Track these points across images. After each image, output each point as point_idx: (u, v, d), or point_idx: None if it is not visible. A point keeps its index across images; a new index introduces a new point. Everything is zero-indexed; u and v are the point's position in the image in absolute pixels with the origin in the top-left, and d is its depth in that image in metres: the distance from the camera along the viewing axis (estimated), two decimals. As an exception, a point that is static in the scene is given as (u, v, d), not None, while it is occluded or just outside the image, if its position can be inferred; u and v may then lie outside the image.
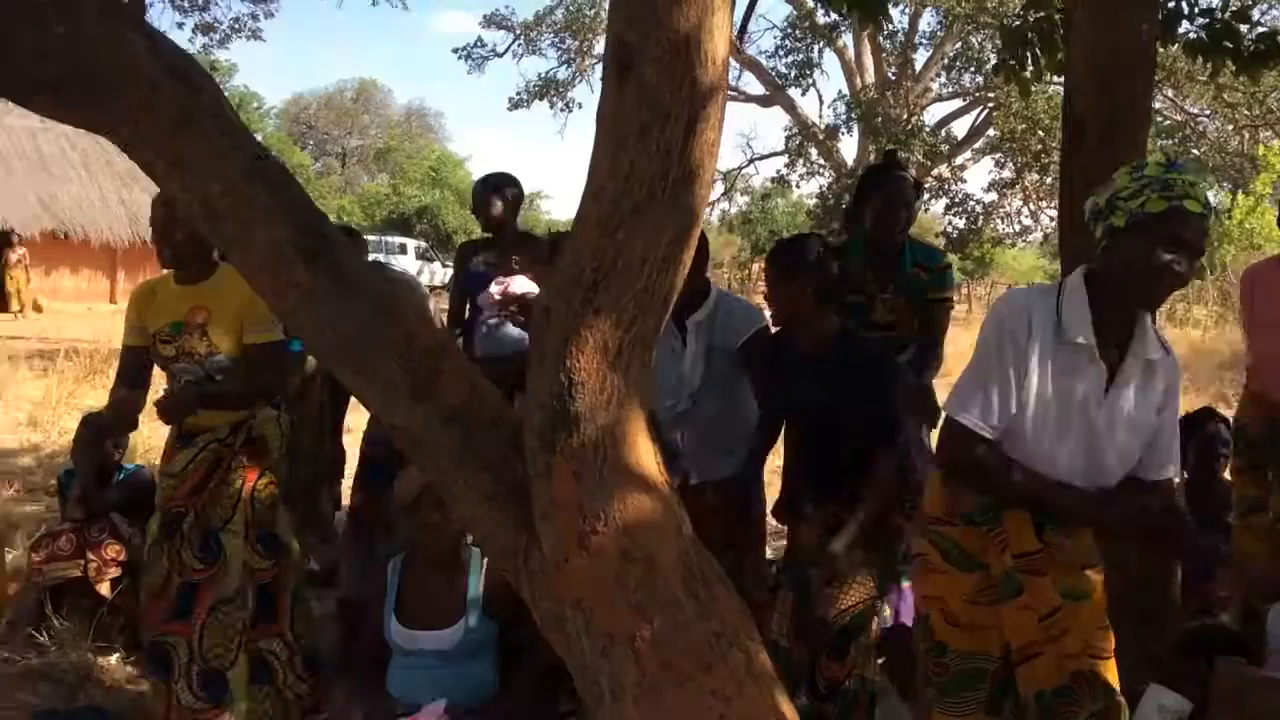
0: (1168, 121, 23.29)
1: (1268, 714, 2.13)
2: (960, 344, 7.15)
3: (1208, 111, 22.77)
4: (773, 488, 3.70)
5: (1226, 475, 4.21)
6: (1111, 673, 2.41)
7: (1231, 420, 3.78)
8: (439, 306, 5.03)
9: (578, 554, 1.87)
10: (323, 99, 52.62)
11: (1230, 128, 22.57)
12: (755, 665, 1.92)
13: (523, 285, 4.57)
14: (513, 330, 4.50)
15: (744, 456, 3.48)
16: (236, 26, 17.00)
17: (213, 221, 2.00)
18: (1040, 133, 21.27)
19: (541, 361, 1.90)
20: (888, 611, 3.46)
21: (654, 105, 1.79)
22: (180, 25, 16.51)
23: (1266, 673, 2.42)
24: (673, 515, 1.93)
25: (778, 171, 28.75)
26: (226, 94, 2.31)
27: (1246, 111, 21.29)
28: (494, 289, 4.64)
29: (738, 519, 3.50)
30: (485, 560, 3.19)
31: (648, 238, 1.85)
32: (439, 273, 29.34)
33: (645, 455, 1.93)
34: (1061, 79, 4.29)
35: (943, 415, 2.48)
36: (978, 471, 2.36)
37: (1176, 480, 3.71)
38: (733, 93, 29.17)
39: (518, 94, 28.31)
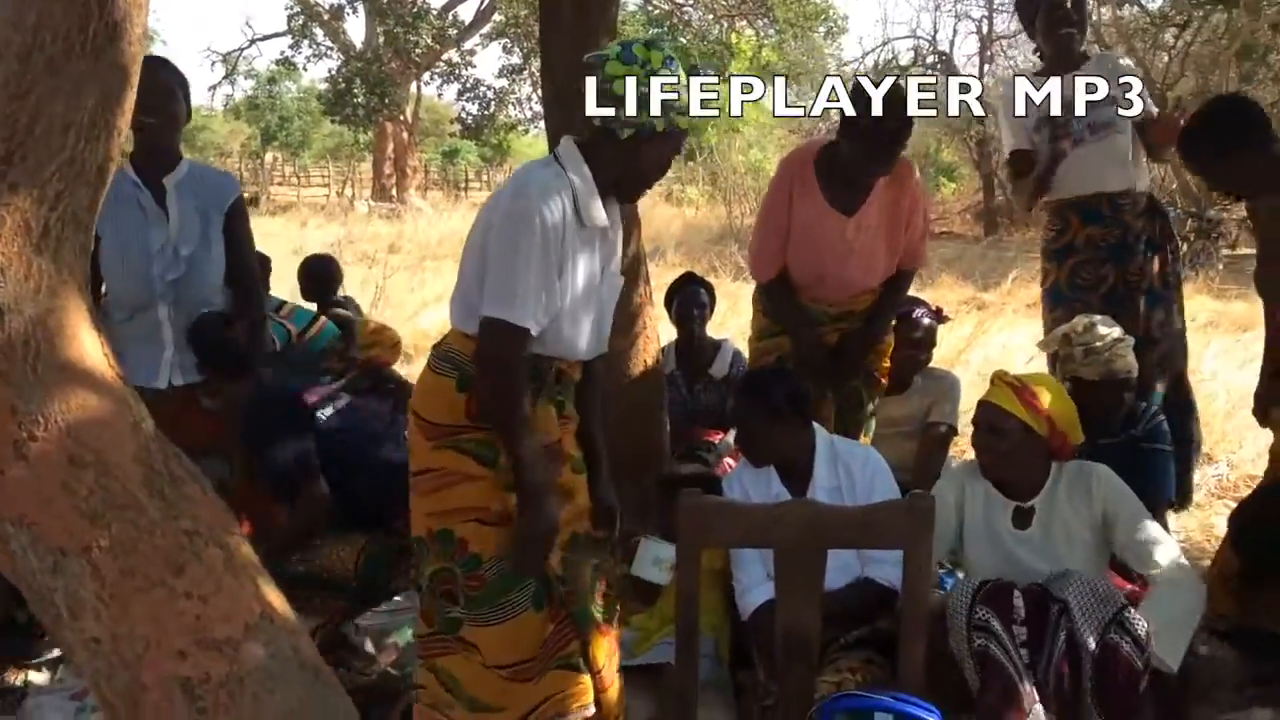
0: (657, 11, 24.82)
1: (728, 537, 2.36)
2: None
3: (692, 2, 24.52)
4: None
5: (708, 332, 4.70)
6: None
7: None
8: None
9: (15, 464, 1.65)
10: None
11: (711, 17, 24.45)
12: (236, 559, 1.81)
13: None
14: None
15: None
16: None
17: None
18: (542, 17, 21.80)
19: (-53, 249, 1.63)
20: None
21: (60, -55, 1.56)
22: None
23: (720, 499, 2.68)
24: (127, 411, 1.75)
25: (282, 53, 27.30)
26: None
27: (724, 2, 23.17)
28: None
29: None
30: None
31: (69, 100, 1.64)
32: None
33: (88, 346, 1.73)
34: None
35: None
36: (508, 373, 2.24)
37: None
38: (226, -34, 27.23)
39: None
